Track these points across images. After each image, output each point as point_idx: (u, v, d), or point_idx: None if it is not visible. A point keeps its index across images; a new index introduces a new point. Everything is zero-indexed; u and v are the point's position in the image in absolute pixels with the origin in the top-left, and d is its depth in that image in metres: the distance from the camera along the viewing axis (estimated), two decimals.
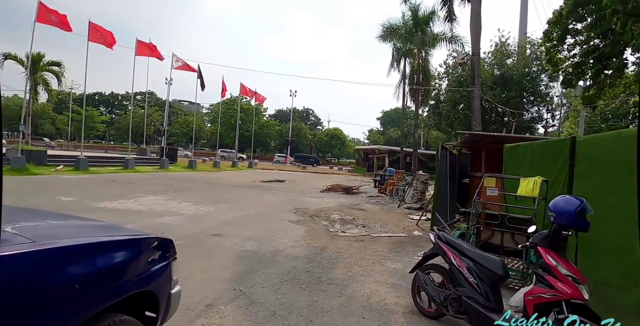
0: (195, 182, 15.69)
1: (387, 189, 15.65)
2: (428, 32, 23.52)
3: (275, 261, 4.93)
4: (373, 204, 12.44)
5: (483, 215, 5.12)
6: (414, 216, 10.25)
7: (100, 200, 8.84)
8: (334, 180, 22.78)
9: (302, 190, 15.54)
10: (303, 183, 19.30)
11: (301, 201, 11.73)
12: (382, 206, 12.12)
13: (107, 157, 20.92)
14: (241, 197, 11.65)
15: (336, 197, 13.86)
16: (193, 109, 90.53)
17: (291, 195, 13.17)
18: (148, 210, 7.94)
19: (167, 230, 6.13)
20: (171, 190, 12.05)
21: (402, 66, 27.48)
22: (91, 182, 13.01)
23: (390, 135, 75.21)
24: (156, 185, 13.32)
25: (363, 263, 5.25)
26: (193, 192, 11.91)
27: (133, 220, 6.83)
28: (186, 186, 13.62)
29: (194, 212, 8.13)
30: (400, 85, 28.30)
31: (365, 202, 12.81)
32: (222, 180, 17.33)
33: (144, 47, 19.47)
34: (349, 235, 7.14)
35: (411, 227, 8.67)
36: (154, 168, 21.00)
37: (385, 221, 9.14)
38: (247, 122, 56.64)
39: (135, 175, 16.55)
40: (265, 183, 17.83)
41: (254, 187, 15.18)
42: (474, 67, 15.50)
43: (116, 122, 76.98)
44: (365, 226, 8.21)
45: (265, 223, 7.54)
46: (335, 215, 9.35)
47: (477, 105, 15.44)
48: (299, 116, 79.77)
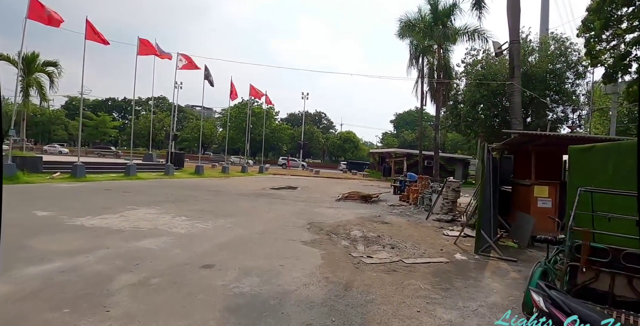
0: (199, 190, 14.39)
1: (410, 197, 14.08)
2: (449, 26, 21.92)
3: (282, 314, 3.47)
4: (397, 215, 10.90)
5: (586, 248, 3.49)
6: (448, 231, 8.69)
7: (80, 214, 7.53)
8: (350, 187, 21.28)
9: (315, 198, 14.10)
10: (316, 190, 17.86)
11: (315, 213, 10.26)
12: (408, 218, 10.57)
13: (109, 163, 19.89)
14: (246, 209, 10.24)
15: (354, 206, 12.36)
16: (207, 114, 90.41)
17: (304, 205, 11.72)
18: (131, 229, 6.59)
19: (145, 260, 4.74)
20: (169, 200, 10.74)
21: (420, 64, 25.89)
22: (83, 191, 11.80)
23: (405, 137, 73.29)
24: (154, 194, 12.04)
25: (404, 312, 3.75)
26: (193, 203, 10.57)
27: (107, 243, 5.47)
28: (187, 195, 12.31)
29: (187, 231, 6.74)
30: (418, 84, 26.73)
31: (387, 213, 11.27)
32: (229, 188, 16.00)
33: (146, 46, 18.39)
34: (376, 261, 5.64)
35: (449, 247, 7.12)
36: (158, 174, 19.83)
37: (416, 239, 7.61)
38: (259, 126, 55.60)
39: (135, 183, 15.35)
40: (276, 190, 16.45)
41: (263, 196, 13.80)
42: (513, 56, 13.75)
43: (128, 127, 76.90)
44: (394, 247, 6.70)
45: (272, 245, 6.09)
46: (357, 232, 7.87)
47: (517, 101, 13.69)
48: (311, 119, 78.57)
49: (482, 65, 30.15)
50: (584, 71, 34.57)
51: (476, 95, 30.23)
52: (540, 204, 8.02)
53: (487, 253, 6.76)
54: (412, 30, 23.14)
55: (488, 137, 38.80)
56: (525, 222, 8.02)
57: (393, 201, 14.76)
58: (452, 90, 26.11)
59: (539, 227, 7.78)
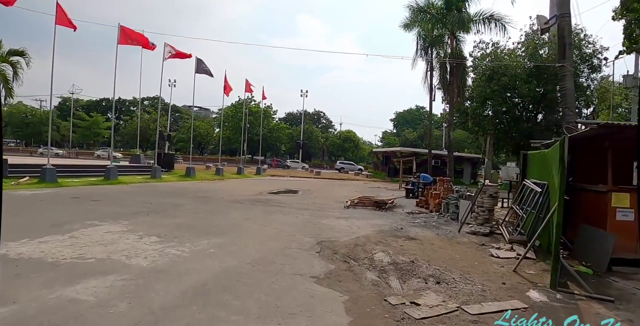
0: (186, 196, 12.48)
1: (429, 203, 12.21)
2: (464, 11, 20.07)
3: None
4: (422, 228, 9.01)
5: None
6: (495, 250, 6.80)
7: (16, 236, 5.61)
8: (355, 189, 19.43)
9: (320, 205, 12.21)
10: (320, 194, 15.98)
11: (324, 226, 8.37)
12: (436, 231, 8.68)
13: (89, 165, 17.92)
14: (238, 222, 8.32)
15: (368, 215, 10.47)
16: (204, 115, 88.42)
17: (308, 215, 9.82)
18: (72, 260, 4.69)
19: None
20: (144, 211, 8.83)
21: (429, 56, 24.03)
22: (44, 200, 9.87)
23: (407, 136, 71.41)
24: (129, 203, 10.12)
25: None
26: (173, 214, 8.66)
27: (20, 292, 3.57)
28: (169, 204, 10.39)
29: (152, 262, 4.83)
30: (427, 77, 24.88)
31: (409, 224, 9.39)
32: (221, 193, 14.09)
33: (128, 35, 16.37)
34: (427, 312, 3.75)
35: (511, 277, 5.24)
36: (143, 178, 17.91)
37: (461, 264, 5.73)
38: (256, 126, 53.68)
39: (113, 188, 13.42)
40: (274, 195, 14.57)
41: (259, 202, 11.89)
42: (563, 33, 11.76)
43: (121, 127, 74.62)
44: (439, 281, 4.81)
45: (269, 287, 4.19)
46: (381, 254, 6.00)
47: (570, 86, 11.66)
48: (310, 119, 76.66)
49: (491, 59, 28.34)
50: (598, 64, 32.74)
51: (486, 90, 28.43)
52: (621, 217, 6.16)
53: (565, 288, 4.90)
54: (422, 19, 21.26)
55: (497, 134, 37.01)
56: (601, 240, 6.15)
57: (409, 207, 12.90)
58: (466, 84, 24.23)
59: (619, 245, 5.96)
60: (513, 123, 35.74)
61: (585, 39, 33.16)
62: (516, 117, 35.10)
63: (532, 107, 34.63)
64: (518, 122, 35.67)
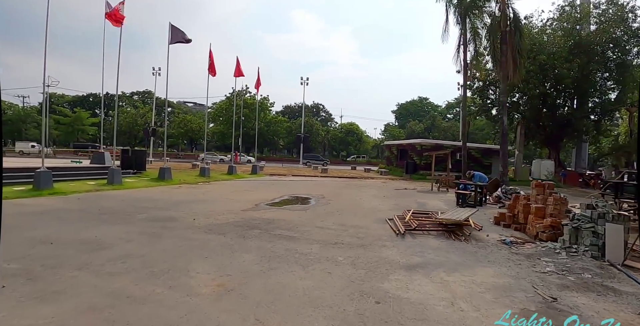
0: (135, 218, 7.72)
1: (528, 223, 7.57)
2: None
3: None
4: (582, 291, 4.35)
5: None
6: None
7: None
8: (382, 193, 14.81)
9: (355, 230, 7.51)
10: (343, 204, 11.25)
11: (398, 310, 3.67)
12: (612, 298, 4.06)
13: (19, 169, 13.05)
14: (201, 322, 3.63)
15: (451, 255, 5.78)
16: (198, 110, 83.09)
17: (350, 268, 5.09)
18: None
19: None
20: (7, 276, 4.10)
21: (465, 25, 19.18)
22: None
23: (413, 128, 66.64)
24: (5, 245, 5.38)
25: None
26: (40, 300, 3.93)
27: None
28: (78, 247, 5.64)
29: None
30: (460, 53, 20.12)
31: (543, 280, 4.73)
32: (196, 208, 9.33)
33: None
34: None
35: None
36: (98, 183, 13.17)
37: None
38: (252, 119, 48.79)
39: (27, 205, 8.66)
40: (277, 209, 9.88)
41: (254, 230, 7.15)
42: None
43: (108, 123, 69.40)
44: None
45: None
46: None
47: None
48: (309, 112, 71.69)
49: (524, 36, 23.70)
50: None
51: (522, 71, 23.53)
52: None
53: None
54: None
55: (529, 122, 32.15)
56: None
57: (486, 225, 8.30)
58: (530, 53, 19.43)
59: None
60: (547, 109, 31.10)
61: (633, 11, 28.42)
62: (553, 103, 30.39)
63: (570, 92, 29.96)
64: (552, 108, 31.01)
